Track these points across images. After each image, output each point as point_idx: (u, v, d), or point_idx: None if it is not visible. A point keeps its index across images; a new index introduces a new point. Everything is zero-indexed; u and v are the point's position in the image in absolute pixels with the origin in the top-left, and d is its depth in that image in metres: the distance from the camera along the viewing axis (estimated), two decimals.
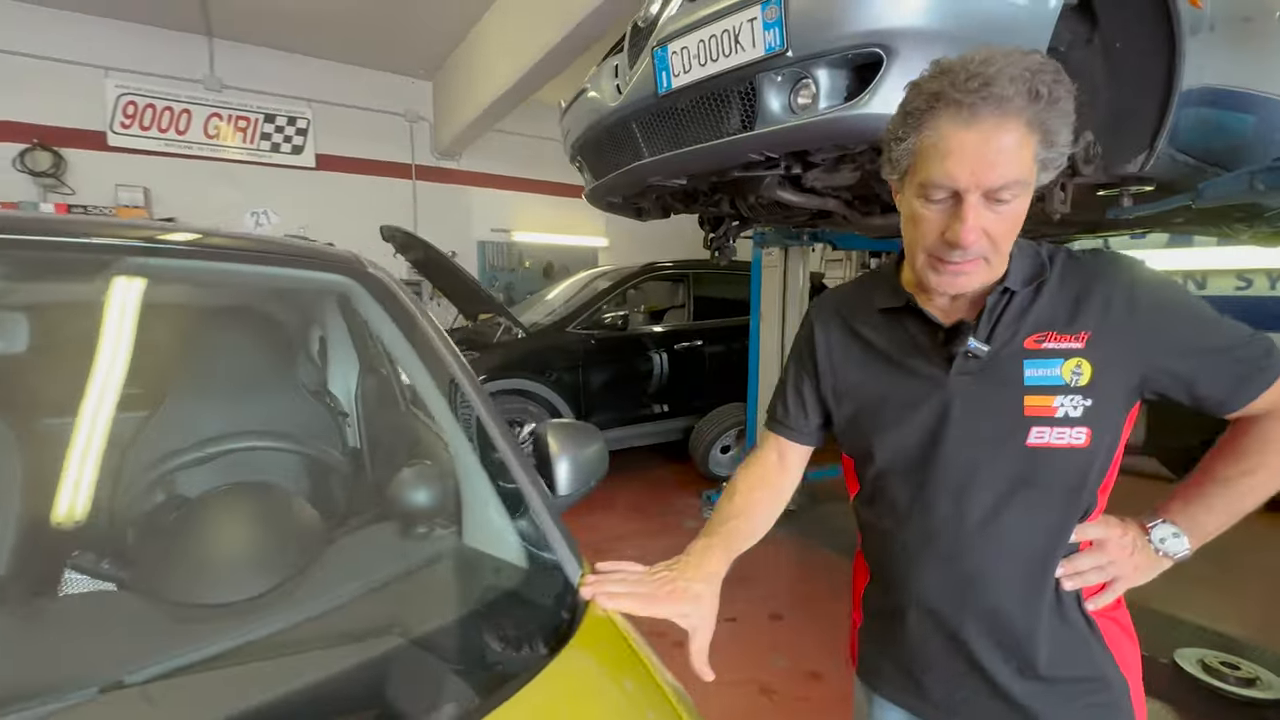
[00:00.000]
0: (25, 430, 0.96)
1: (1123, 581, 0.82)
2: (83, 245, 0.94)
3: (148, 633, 0.69)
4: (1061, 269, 0.79)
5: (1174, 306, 0.76)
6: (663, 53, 1.64)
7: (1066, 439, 0.75)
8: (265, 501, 0.93)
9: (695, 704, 0.72)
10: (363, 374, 1.50)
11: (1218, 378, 0.75)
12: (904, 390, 0.84)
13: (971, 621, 0.82)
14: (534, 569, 0.83)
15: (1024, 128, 0.66)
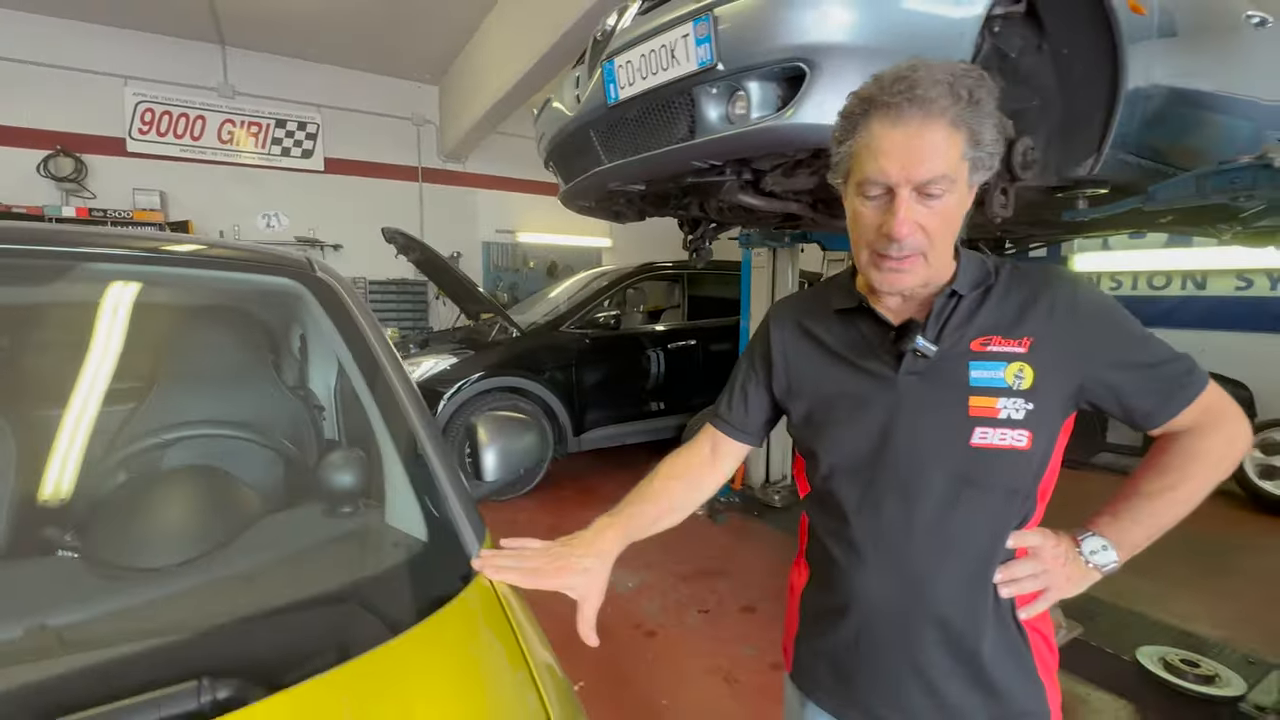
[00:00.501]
0: (19, 419, 1.08)
1: (1054, 592, 0.82)
2: (53, 252, 1.05)
3: (83, 590, 0.79)
4: (1007, 278, 0.82)
5: (1112, 321, 0.79)
6: (610, 65, 1.73)
7: (1009, 440, 0.77)
8: (203, 482, 1.04)
9: (660, 690, 0.80)
10: (301, 384, 1.60)
11: (1146, 392, 0.78)
12: (855, 389, 0.85)
13: (917, 623, 0.81)
14: (433, 544, 0.92)
15: (948, 126, 0.70)
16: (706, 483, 1.00)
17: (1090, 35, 1.83)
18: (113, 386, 1.21)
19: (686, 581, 3.18)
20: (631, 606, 2.94)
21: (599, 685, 2.32)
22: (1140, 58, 1.85)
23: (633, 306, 5.48)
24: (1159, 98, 1.99)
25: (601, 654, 2.66)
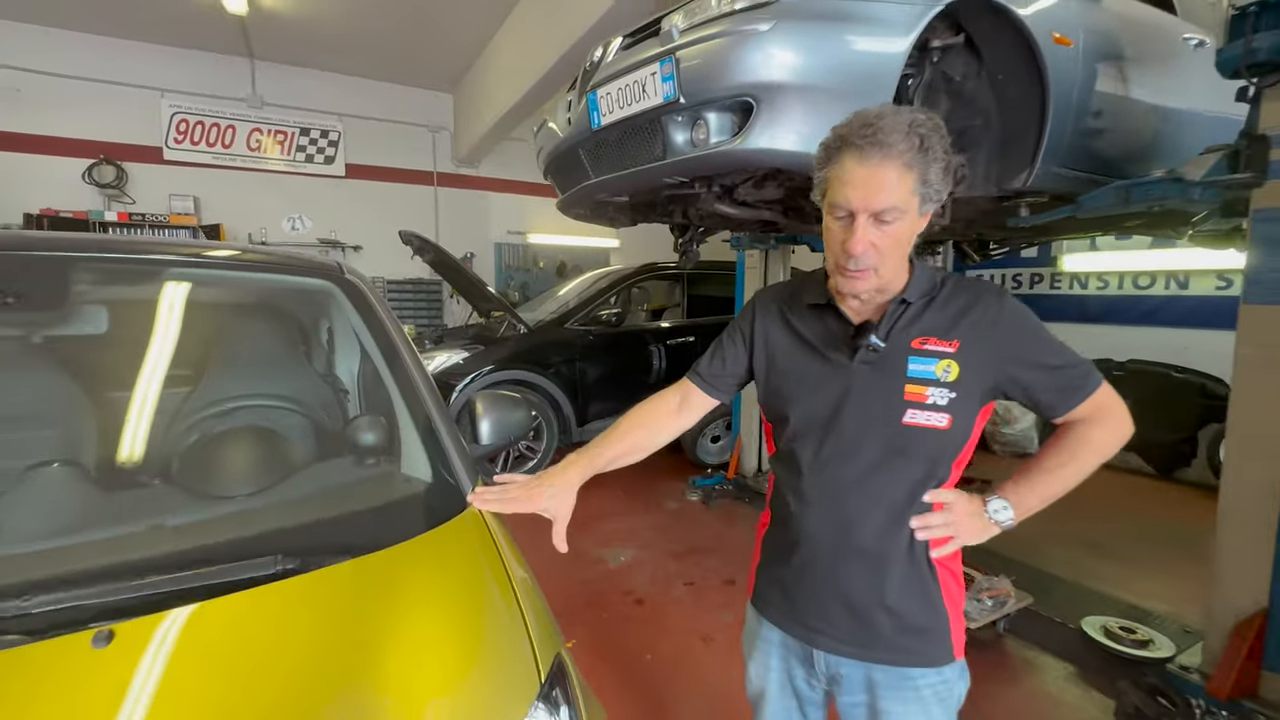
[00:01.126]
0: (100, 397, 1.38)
1: (960, 539, 1.01)
2: (118, 259, 1.35)
3: (181, 508, 1.09)
4: (950, 290, 1.00)
5: (1026, 330, 0.97)
6: (594, 96, 2.00)
7: (932, 421, 0.96)
8: (260, 436, 1.33)
9: (644, 647, 1.07)
10: (334, 368, 1.89)
11: (1050, 389, 0.97)
12: (817, 370, 1.04)
13: (845, 556, 1.02)
14: (436, 485, 1.20)
15: (902, 167, 0.87)
16: (667, 430, 1.18)
17: (1020, 63, 2.06)
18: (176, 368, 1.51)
19: (677, 558, 3.44)
20: (624, 578, 3.21)
21: (590, 643, 2.60)
22: (1066, 83, 2.08)
23: (636, 305, 5.74)
24: (1090, 117, 2.21)
25: (593, 618, 2.95)
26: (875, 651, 1.03)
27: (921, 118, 0.90)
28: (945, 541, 1.01)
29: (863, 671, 1.05)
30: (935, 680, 1.04)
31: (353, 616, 0.84)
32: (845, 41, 1.70)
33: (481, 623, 0.90)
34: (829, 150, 0.94)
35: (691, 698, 2.25)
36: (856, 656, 1.05)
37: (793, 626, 1.11)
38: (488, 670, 0.83)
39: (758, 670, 1.19)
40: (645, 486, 4.73)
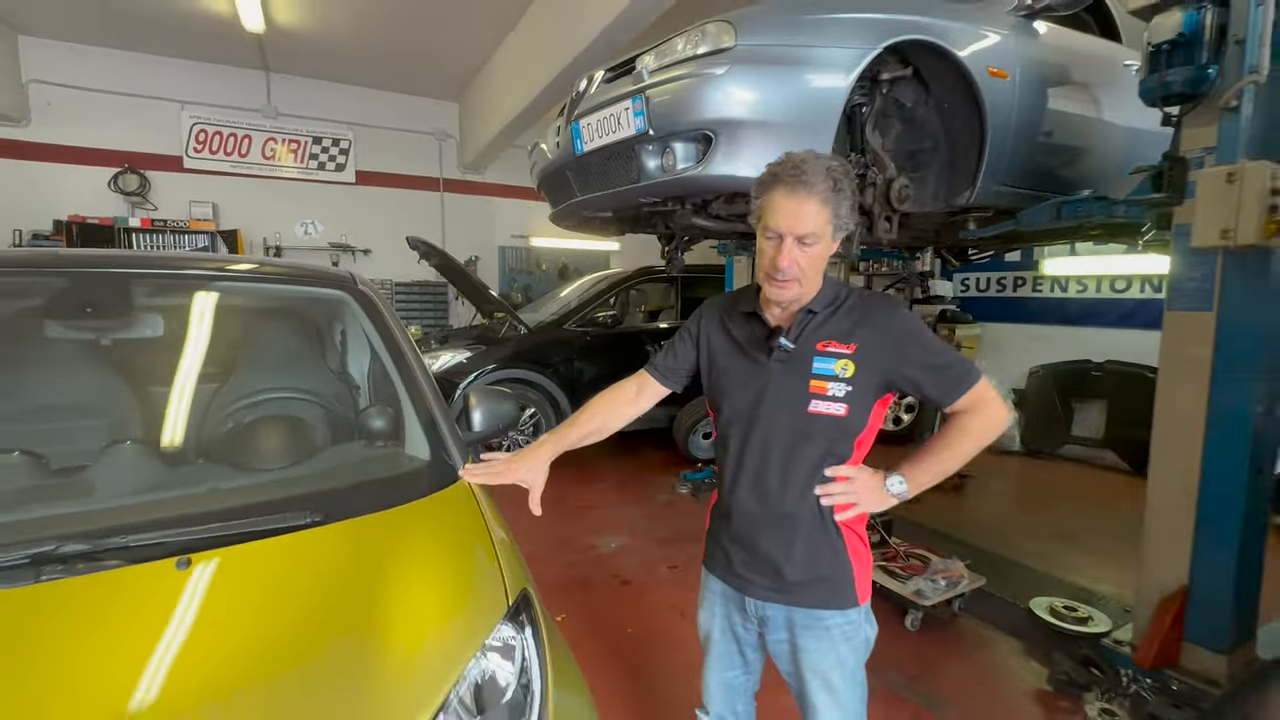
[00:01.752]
0: (156, 390, 1.64)
1: (862, 506, 1.23)
2: (170, 274, 1.61)
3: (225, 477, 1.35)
4: (851, 301, 1.21)
5: (912, 336, 1.18)
6: (577, 125, 2.25)
7: (831, 409, 1.17)
8: (286, 423, 1.58)
9: (627, 621, 1.31)
10: (346, 367, 2.14)
11: (936, 384, 1.17)
12: (745, 367, 1.26)
13: (765, 518, 1.24)
14: (433, 463, 1.44)
15: (819, 202, 1.09)
16: (625, 414, 1.42)
17: (960, 94, 2.29)
18: (215, 365, 1.77)
19: (662, 545, 3.69)
20: (613, 562, 3.46)
21: (579, 618, 2.84)
22: (1003, 111, 2.31)
23: (634, 307, 5.98)
24: (1027, 139, 2.44)
25: (582, 597, 3.21)
26: (791, 596, 1.25)
27: (836, 164, 1.12)
28: (848, 507, 1.22)
29: (784, 613, 1.27)
30: (841, 621, 1.25)
31: (364, 556, 1.09)
32: (792, 81, 1.94)
33: (463, 563, 1.14)
34: (763, 184, 1.16)
35: (665, 663, 2.49)
36: (778, 600, 1.27)
37: (730, 578, 1.33)
38: (466, 595, 1.07)
39: (705, 616, 1.43)
40: (637, 480, 4.97)
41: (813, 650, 1.26)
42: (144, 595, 0.93)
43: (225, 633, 0.91)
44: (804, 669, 1.28)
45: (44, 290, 1.48)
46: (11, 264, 1.51)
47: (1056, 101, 2.49)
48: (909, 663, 2.52)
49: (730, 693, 1.45)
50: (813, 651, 1.26)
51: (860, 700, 1.30)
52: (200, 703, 0.81)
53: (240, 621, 0.93)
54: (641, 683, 2.38)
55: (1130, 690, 2.27)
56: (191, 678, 0.83)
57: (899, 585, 2.79)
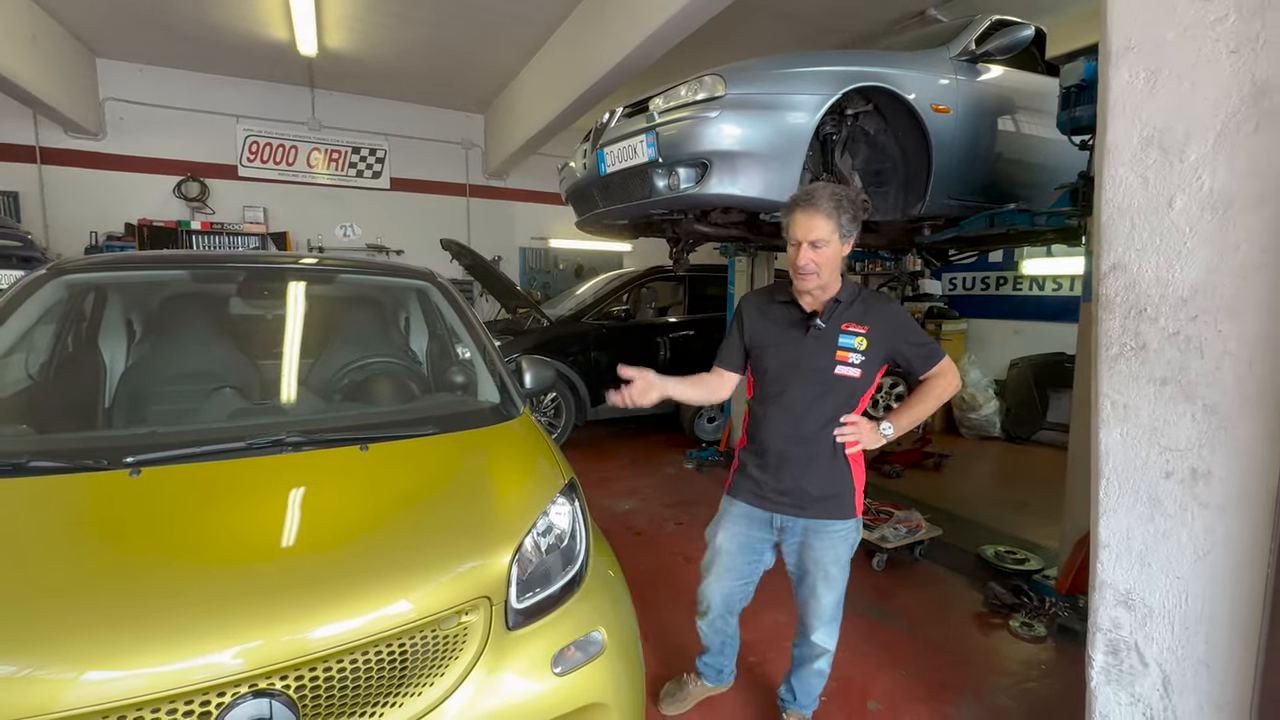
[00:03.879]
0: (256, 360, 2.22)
1: (862, 442, 1.72)
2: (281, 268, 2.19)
3: (346, 415, 1.93)
4: (864, 297, 1.71)
5: (905, 324, 1.71)
6: (601, 153, 2.82)
7: (849, 371, 1.66)
8: (392, 377, 2.16)
9: (639, 564, 1.87)
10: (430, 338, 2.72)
11: (916, 358, 1.70)
12: (785, 341, 1.73)
13: (795, 445, 1.72)
14: (501, 405, 2.01)
15: (825, 216, 1.57)
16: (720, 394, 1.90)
17: (911, 125, 2.83)
18: (339, 333, 2.34)
19: (670, 507, 4.25)
20: (627, 519, 4.02)
21: None
22: (946, 138, 2.84)
23: (645, 303, 6.52)
24: (968, 161, 2.97)
25: None
26: (810, 510, 1.74)
27: (839, 190, 1.63)
28: (854, 444, 1.73)
29: (801, 524, 1.76)
30: (842, 528, 1.75)
31: (469, 452, 1.66)
32: (770, 121, 2.49)
33: (531, 459, 1.70)
34: (787, 208, 1.66)
35: (670, 593, 3.04)
36: (798, 514, 1.76)
37: (758, 501, 1.80)
38: (533, 476, 1.63)
39: (725, 535, 1.87)
40: (649, 457, 5.53)
41: (820, 548, 1.75)
42: (344, 464, 1.51)
43: (394, 486, 1.48)
44: (810, 563, 1.77)
45: (230, 278, 2.08)
46: (200, 261, 2.11)
47: (994, 130, 3.01)
48: (873, 593, 3.05)
49: (729, 600, 1.92)
50: (819, 549, 1.75)
51: (844, 585, 1.80)
52: (383, 519, 1.37)
53: (402, 480, 1.50)
54: (649, 605, 2.94)
55: (1050, 611, 2.80)
56: (378, 507, 1.40)
57: (867, 533, 3.32)
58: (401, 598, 1.21)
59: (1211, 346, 1.36)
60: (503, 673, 1.29)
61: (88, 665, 0.99)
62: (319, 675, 1.12)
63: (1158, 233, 1.43)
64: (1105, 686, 1.59)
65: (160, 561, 1.18)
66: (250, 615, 1.10)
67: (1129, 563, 1.53)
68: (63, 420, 1.79)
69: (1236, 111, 1.30)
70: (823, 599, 1.79)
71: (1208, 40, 1.33)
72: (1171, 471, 1.44)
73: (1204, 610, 1.41)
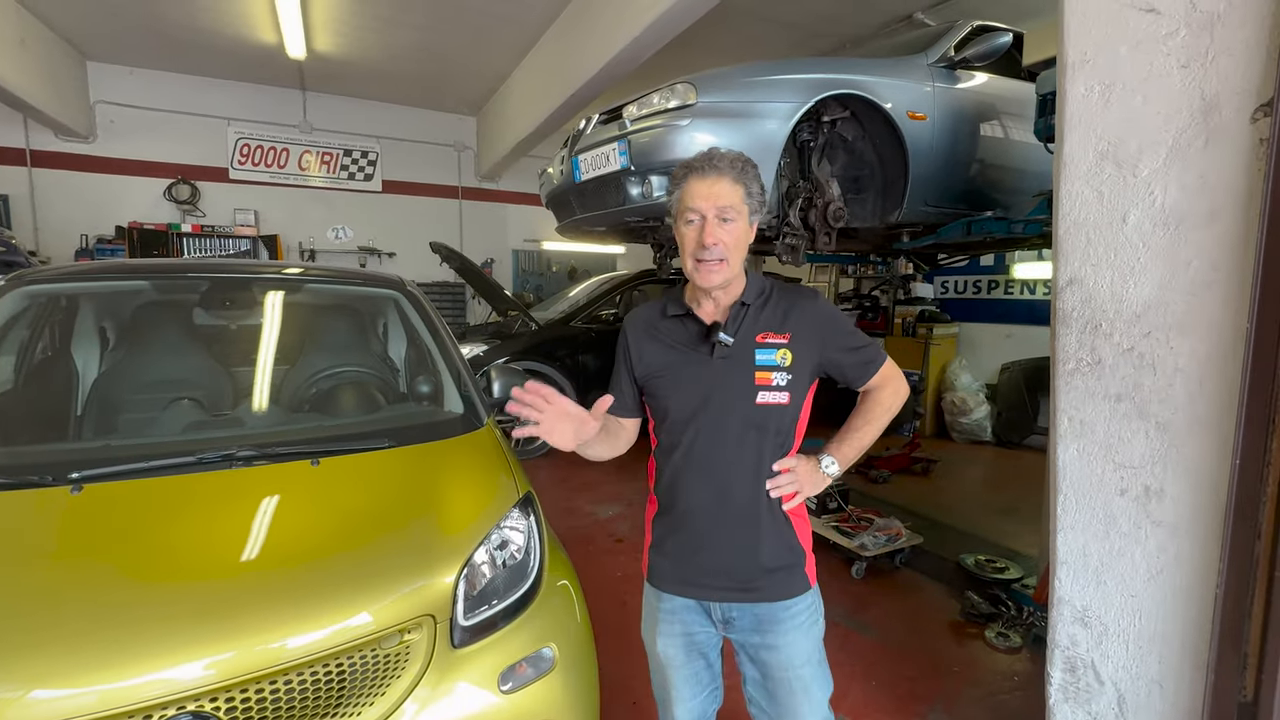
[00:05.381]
0: (230, 370, 2.21)
1: (804, 492, 1.24)
2: (246, 278, 2.18)
3: (315, 425, 1.92)
4: (778, 293, 1.24)
5: (835, 323, 1.24)
6: (576, 160, 2.81)
7: (776, 399, 1.17)
8: (357, 388, 2.15)
9: (619, 568, 1.83)
10: (407, 346, 2.71)
11: (852, 366, 1.24)
12: (685, 367, 1.22)
13: (722, 517, 1.21)
14: (465, 415, 2.00)
15: (732, 181, 1.13)
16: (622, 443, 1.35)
17: (887, 132, 2.82)
18: (298, 343, 2.34)
19: None
20: (609, 525, 4.01)
21: (578, 565, 3.38)
22: (922, 145, 2.83)
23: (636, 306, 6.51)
24: (946, 168, 2.96)
25: (582, 550, 3.76)
26: (757, 593, 1.23)
27: (739, 153, 1.18)
28: (794, 496, 1.24)
29: (750, 613, 1.25)
30: (804, 607, 1.26)
31: (424, 465, 1.65)
32: (742, 129, 2.47)
33: (488, 473, 1.69)
34: (677, 177, 1.19)
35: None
36: (743, 600, 1.24)
37: (688, 589, 1.28)
38: (487, 490, 1.62)
39: (664, 642, 1.32)
40: (632, 462, 5.47)
41: (783, 647, 1.24)
42: (293, 479, 1.50)
43: (342, 502, 1.47)
44: (776, 669, 1.25)
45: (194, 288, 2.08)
46: (164, 271, 2.10)
47: (973, 136, 3.00)
48: (850, 601, 3.03)
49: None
50: (784, 648, 1.24)
51: (829, 689, 1.30)
52: (327, 536, 1.36)
53: (351, 496, 1.49)
54: (627, 610, 2.93)
55: (1027, 620, 2.79)
56: (323, 524, 1.39)
57: (847, 540, 3.30)
58: (342, 618, 1.21)
59: (1164, 363, 1.35)
60: (447, 691, 1.28)
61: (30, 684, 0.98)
62: (250, 696, 1.11)
63: (1112, 248, 1.42)
64: (1063, 704, 1.58)
65: (92, 580, 1.17)
66: (181, 636, 1.09)
67: (1085, 580, 1.51)
68: (25, 432, 1.78)
69: (1187, 127, 1.29)
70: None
71: (1159, 54, 1.32)
72: (1126, 489, 1.43)
73: (1157, 629, 1.40)
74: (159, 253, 6.54)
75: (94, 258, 6.37)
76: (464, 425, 1.91)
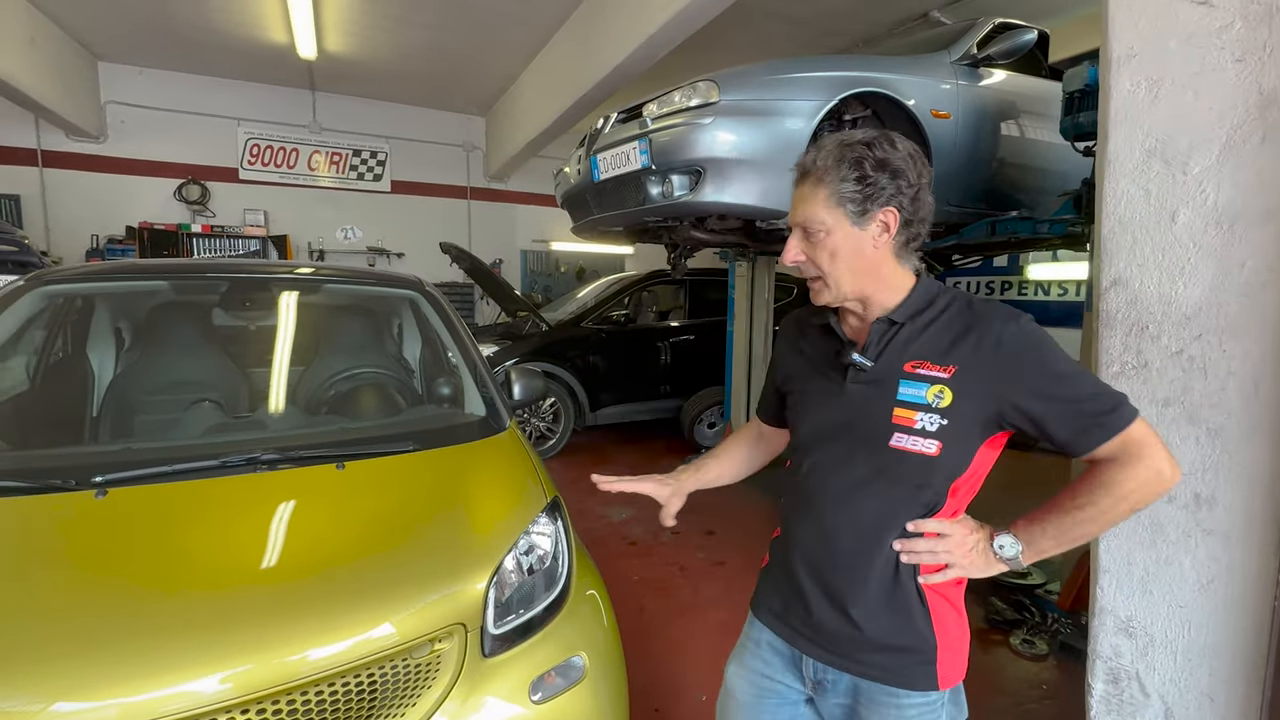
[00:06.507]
0: (248, 371, 2.18)
1: (956, 569, 0.95)
2: (270, 277, 2.16)
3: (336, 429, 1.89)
4: (952, 311, 0.94)
5: (1033, 356, 0.88)
6: (595, 159, 2.78)
7: (919, 446, 0.91)
8: (377, 390, 2.13)
9: (633, 572, 1.79)
10: (422, 346, 2.69)
11: (1064, 424, 0.87)
12: (818, 388, 1.04)
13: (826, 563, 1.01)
14: (487, 418, 1.97)
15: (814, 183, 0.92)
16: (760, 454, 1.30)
17: (911, 130, 2.77)
18: (322, 343, 2.32)
19: None
20: (623, 529, 3.98)
21: None
22: (946, 144, 2.79)
23: (645, 307, 6.47)
24: (969, 167, 2.91)
25: (596, 553, 3.72)
26: (852, 663, 1.01)
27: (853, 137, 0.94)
28: (938, 569, 0.97)
29: (848, 680, 1.03)
30: (920, 702, 0.99)
31: (449, 470, 1.62)
32: (764, 127, 2.44)
33: (515, 478, 1.66)
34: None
35: (663, 602, 2.99)
36: (836, 665, 1.03)
37: (780, 628, 1.11)
38: (514, 495, 1.59)
39: (736, 670, 1.18)
40: (648, 463, 5.48)
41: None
42: (318, 484, 1.47)
43: (370, 507, 1.44)
44: None
45: (213, 289, 2.06)
46: (182, 271, 2.08)
47: (996, 135, 2.96)
48: None
49: None
50: None
51: None
52: (355, 542, 1.33)
53: (379, 501, 1.46)
54: (645, 615, 2.90)
55: (1052, 627, 2.74)
56: (352, 529, 1.36)
57: None
58: (372, 626, 1.18)
59: (1216, 367, 1.31)
60: (478, 702, 1.25)
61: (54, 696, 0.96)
62: (282, 708, 1.08)
63: (1160, 248, 1.38)
64: (1105, 716, 1.53)
65: (122, 587, 1.14)
66: (211, 647, 1.07)
67: (1130, 589, 1.47)
68: (42, 434, 1.76)
69: (1242, 123, 1.25)
70: None
71: (1212, 49, 1.28)
72: (1174, 496, 1.38)
73: (1208, 641, 1.36)
74: (169, 253, 6.54)
75: (104, 258, 6.38)
76: (487, 428, 1.88)
